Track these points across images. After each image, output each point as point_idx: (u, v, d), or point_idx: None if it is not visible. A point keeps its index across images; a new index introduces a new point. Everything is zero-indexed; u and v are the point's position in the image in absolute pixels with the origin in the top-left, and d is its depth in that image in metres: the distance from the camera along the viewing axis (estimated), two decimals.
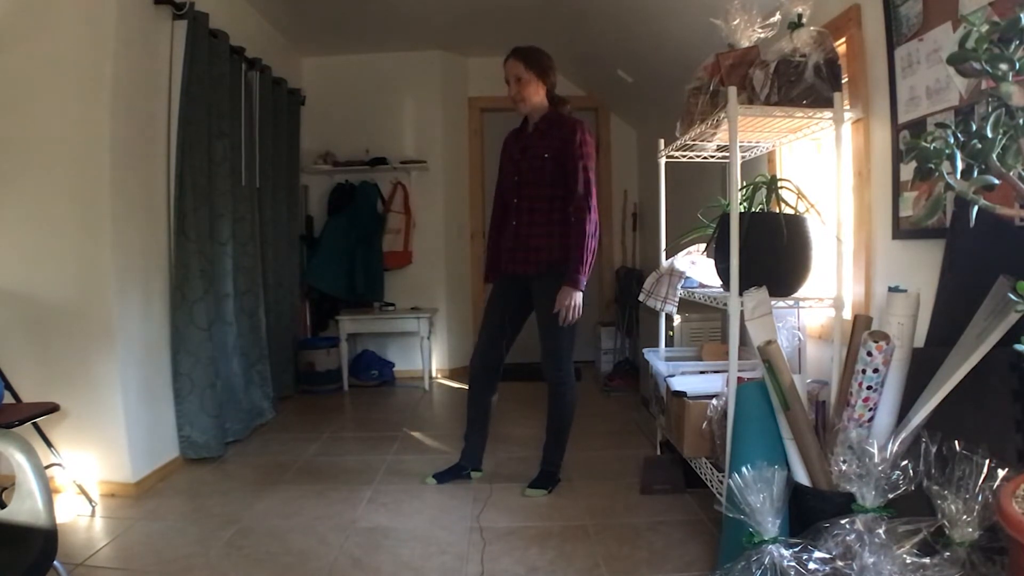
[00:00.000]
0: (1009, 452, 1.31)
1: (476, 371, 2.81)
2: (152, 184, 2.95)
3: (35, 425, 2.46)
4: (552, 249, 2.61)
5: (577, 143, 2.56)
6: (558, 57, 2.82)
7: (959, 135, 1.07)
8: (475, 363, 2.81)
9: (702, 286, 2.53)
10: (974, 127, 1.05)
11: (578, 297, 2.54)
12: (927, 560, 1.33)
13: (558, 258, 2.60)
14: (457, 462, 2.85)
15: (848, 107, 2.05)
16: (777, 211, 1.98)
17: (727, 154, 2.28)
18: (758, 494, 1.56)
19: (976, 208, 1.07)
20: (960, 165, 1.06)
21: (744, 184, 2.11)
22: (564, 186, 2.59)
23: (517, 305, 2.75)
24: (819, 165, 2.57)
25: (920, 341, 1.65)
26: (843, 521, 1.47)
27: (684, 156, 2.65)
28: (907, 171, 1.83)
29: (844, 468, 1.55)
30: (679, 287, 2.60)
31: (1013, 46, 0.98)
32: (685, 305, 2.71)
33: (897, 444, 1.48)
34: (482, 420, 2.85)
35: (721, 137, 2.29)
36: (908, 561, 1.35)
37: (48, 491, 1.48)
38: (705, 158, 2.64)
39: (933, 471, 1.35)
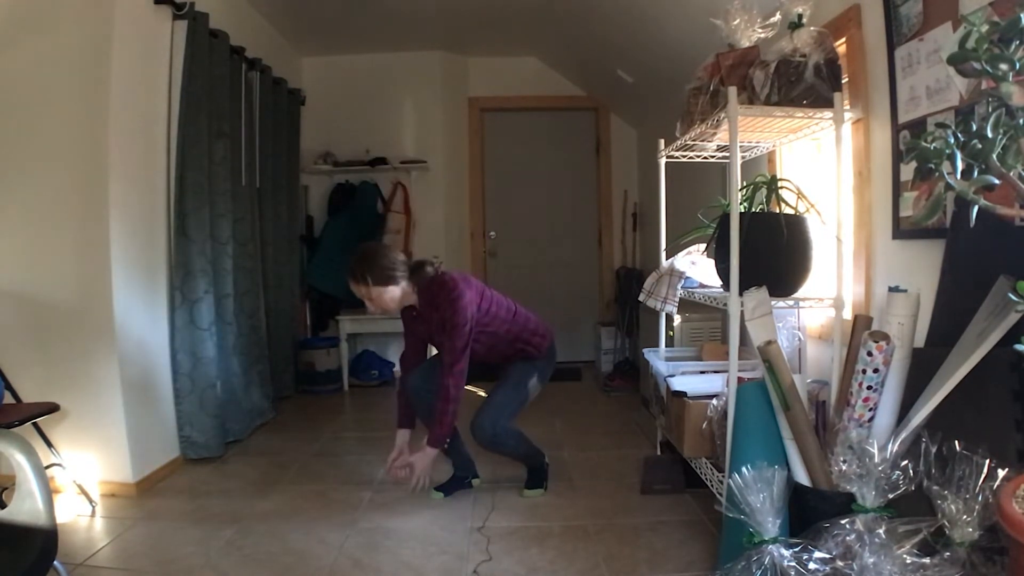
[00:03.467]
0: (1009, 452, 1.31)
1: (412, 389, 2.67)
2: (152, 184, 2.95)
3: (35, 425, 2.47)
4: (510, 354, 2.68)
5: (449, 314, 2.45)
6: (558, 57, 2.82)
7: (959, 135, 1.07)
8: (414, 385, 2.67)
9: (702, 286, 2.53)
10: (974, 127, 1.05)
11: (431, 458, 2.52)
12: (927, 560, 1.33)
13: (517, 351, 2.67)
14: (454, 474, 2.76)
15: (848, 107, 2.05)
16: (777, 211, 1.98)
17: (727, 154, 2.28)
18: (758, 494, 1.56)
19: (976, 208, 1.07)
20: (960, 165, 1.06)
21: (744, 184, 2.11)
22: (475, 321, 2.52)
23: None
24: (819, 165, 2.57)
25: (920, 341, 1.65)
26: (843, 521, 1.47)
27: (684, 156, 2.65)
28: (907, 171, 1.83)
29: (844, 468, 1.55)
30: (679, 287, 2.60)
31: (1013, 46, 0.98)
32: (685, 305, 2.71)
33: (897, 444, 1.48)
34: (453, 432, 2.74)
35: (721, 137, 2.29)
36: (908, 561, 1.35)
37: (48, 491, 1.48)
38: (705, 158, 2.64)
39: (933, 471, 1.35)
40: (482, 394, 4.29)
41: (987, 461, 1.27)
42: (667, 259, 2.75)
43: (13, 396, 2.56)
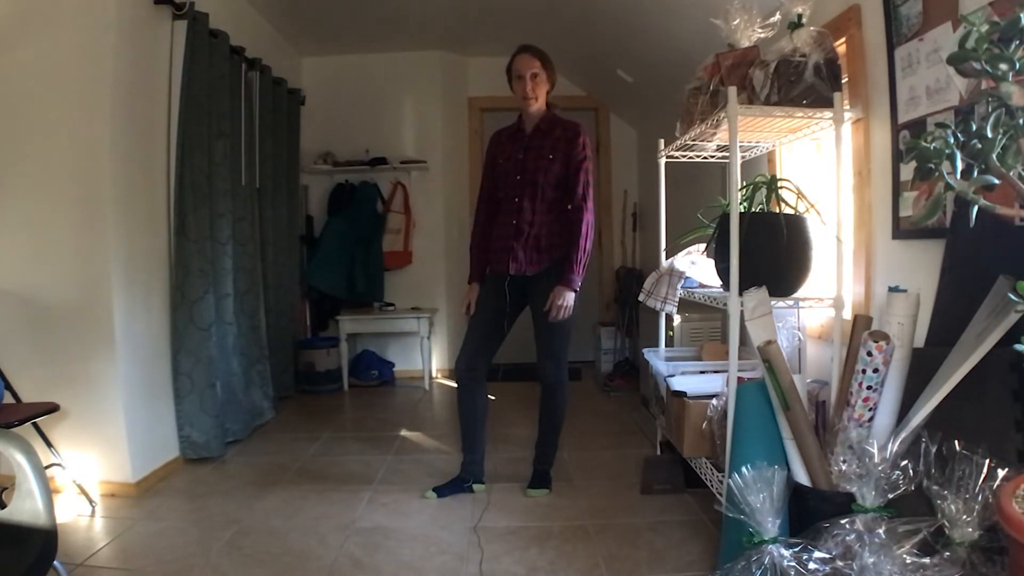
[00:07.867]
0: (1009, 452, 1.31)
1: (463, 375, 2.68)
2: (152, 184, 2.95)
3: (35, 425, 2.47)
4: (554, 249, 2.62)
5: (580, 146, 2.61)
6: (558, 57, 2.84)
7: (959, 135, 1.07)
8: (461, 367, 2.67)
9: (702, 286, 2.53)
10: (974, 127, 1.05)
11: (571, 297, 2.54)
12: (927, 560, 1.33)
13: (559, 257, 2.60)
14: (458, 475, 2.72)
15: (848, 107, 2.05)
16: (777, 211, 1.98)
17: (727, 154, 2.28)
18: (758, 494, 1.56)
19: (976, 208, 1.07)
20: (960, 165, 1.06)
21: (744, 184, 2.11)
22: (565, 188, 2.62)
23: (512, 305, 2.68)
24: (819, 165, 2.57)
25: (920, 341, 1.65)
26: (843, 521, 1.47)
27: (684, 156, 2.65)
28: (907, 171, 1.83)
29: (844, 468, 1.55)
30: (679, 287, 2.60)
31: (1013, 46, 0.98)
32: (685, 305, 2.71)
33: (897, 444, 1.49)
34: (479, 428, 2.72)
35: (721, 137, 2.29)
36: (908, 561, 1.35)
37: (48, 491, 1.48)
38: (705, 158, 2.64)
39: (933, 471, 1.36)
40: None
41: (987, 461, 1.27)
42: (667, 259, 2.75)
43: (13, 396, 2.56)
